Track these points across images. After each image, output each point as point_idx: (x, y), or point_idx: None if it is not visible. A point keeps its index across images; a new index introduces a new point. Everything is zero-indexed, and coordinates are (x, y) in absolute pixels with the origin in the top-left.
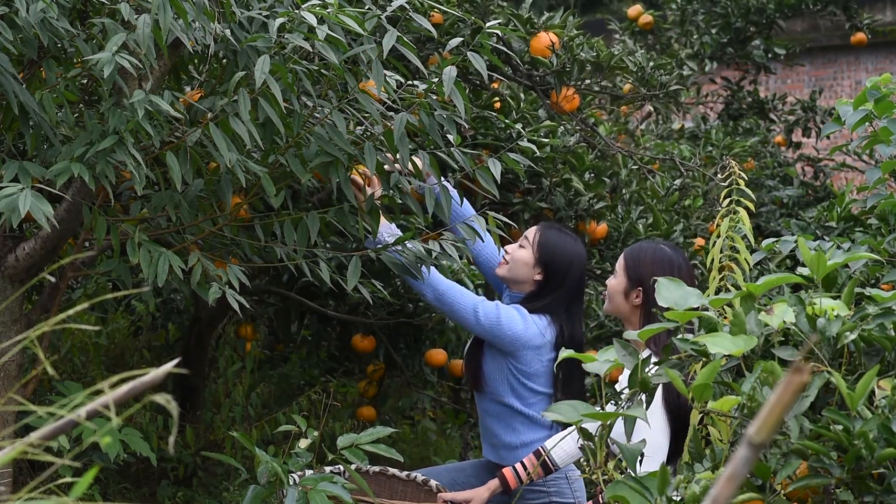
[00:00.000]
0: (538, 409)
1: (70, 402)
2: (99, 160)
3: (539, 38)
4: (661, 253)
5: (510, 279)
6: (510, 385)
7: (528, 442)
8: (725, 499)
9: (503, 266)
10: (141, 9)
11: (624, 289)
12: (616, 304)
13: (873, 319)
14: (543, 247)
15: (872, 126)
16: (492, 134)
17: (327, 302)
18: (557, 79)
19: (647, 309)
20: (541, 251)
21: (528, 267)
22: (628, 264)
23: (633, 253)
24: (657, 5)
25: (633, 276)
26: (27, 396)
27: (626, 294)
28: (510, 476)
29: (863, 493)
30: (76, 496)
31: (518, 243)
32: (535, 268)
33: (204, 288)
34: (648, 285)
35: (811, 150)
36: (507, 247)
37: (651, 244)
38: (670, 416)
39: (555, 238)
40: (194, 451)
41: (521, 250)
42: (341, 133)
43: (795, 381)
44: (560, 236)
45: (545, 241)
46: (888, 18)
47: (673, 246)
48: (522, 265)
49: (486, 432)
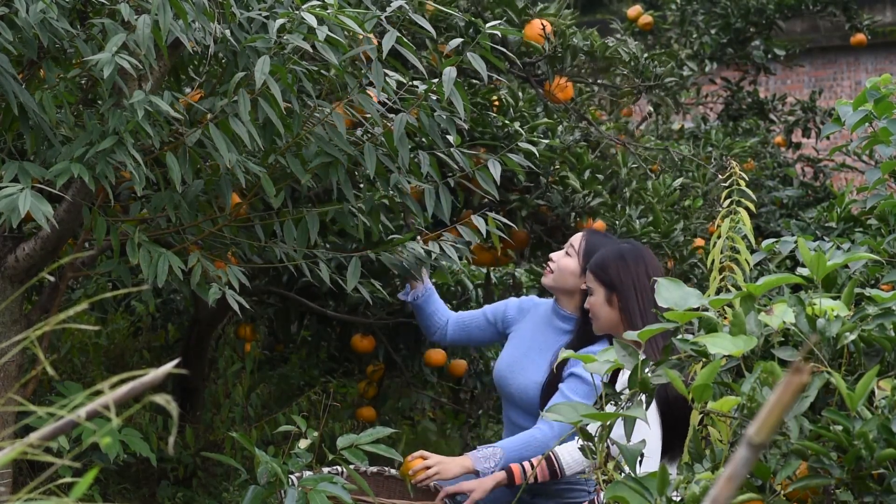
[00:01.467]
0: None
1: (70, 402)
2: (99, 161)
3: (532, 25)
4: (616, 249)
5: (556, 289)
6: None
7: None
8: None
9: (548, 275)
10: (141, 9)
11: (605, 299)
12: (604, 320)
13: (873, 320)
14: (590, 254)
15: (872, 126)
16: (489, 133)
17: (327, 302)
18: (550, 64)
19: (627, 308)
20: (588, 258)
21: (575, 276)
22: (597, 274)
23: (596, 263)
24: (657, 6)
25: (604, 282)
26: (27, 397)
27: (609, 302)
28: (517, 471)
29: (862, 493)
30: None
31: (563, 251)
32: (581, 276)
33: (204, 288)
34: (618, 284)
35: (811, 151)
36: (553, 255)
37: (609, 247)
38: (662, 416)
39: (602, 244)
40: (194, 451)
41: (568, 258)
42: (341, 134)
43: (795, 382)
44: (606, 241)
45: (592, 248)
46: (888, 19)
47: (626, 240)
48: (569, 274)
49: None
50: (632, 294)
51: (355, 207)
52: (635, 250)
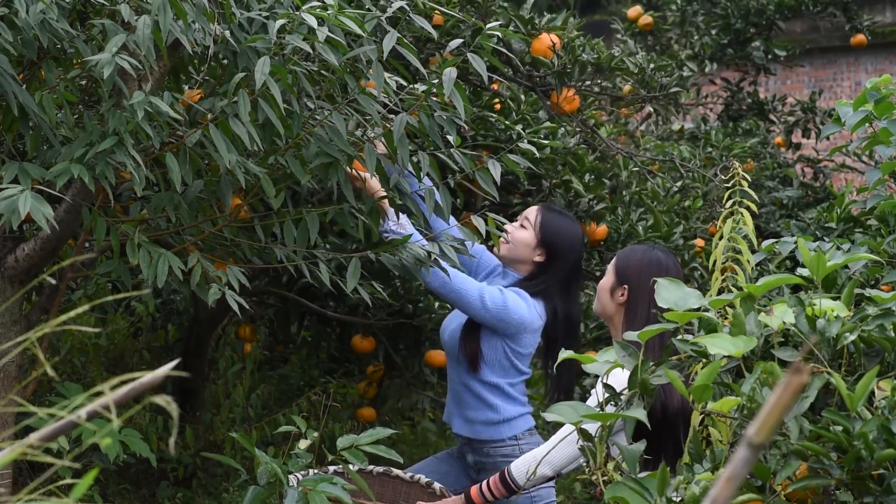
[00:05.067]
0: (520, 389)
1: (70, 403)
2: (99, 161)
3: (540, 40)
4: (651, 255)
5: (510, 259)
6: (501, 365)
7: (510, 417)
8: (725, 499)
9: (503, 245)
10: (141, 10)
11: (611, 286)
12: (602, 303)
13: (873, 320)
14: (546, 228)
15: (872, 127)
16: (492, 135)
17: (327, 303)
18: (558, 80)
19: (631, 308)
20: (543, 232)
21: (530, 248)
22: (618, 263)
23: (625, 253)
24: (657, 6)
25: (621, 274)
26: (27, 398)
27: (612, 292)
28: (476, 495)
29: (862, 493)
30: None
31: (518, 223)
32: (535, 249)
33: (203, 289)
34: (634, 284)
35: (811, 152)
36: (507, 226)
37: (645, 247)
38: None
39: (557, 220)
40: (194, 452)
41: (523, 231)
42: (341, 134)
43: (795, 382)
44: (561, 218)
45: (547, 222)
46: (888, 20)
47: (666, 251)
48: (524, 246)
49: (462, 407)
50: (644, 299)
51: (355, 208)
52: (662, 263)
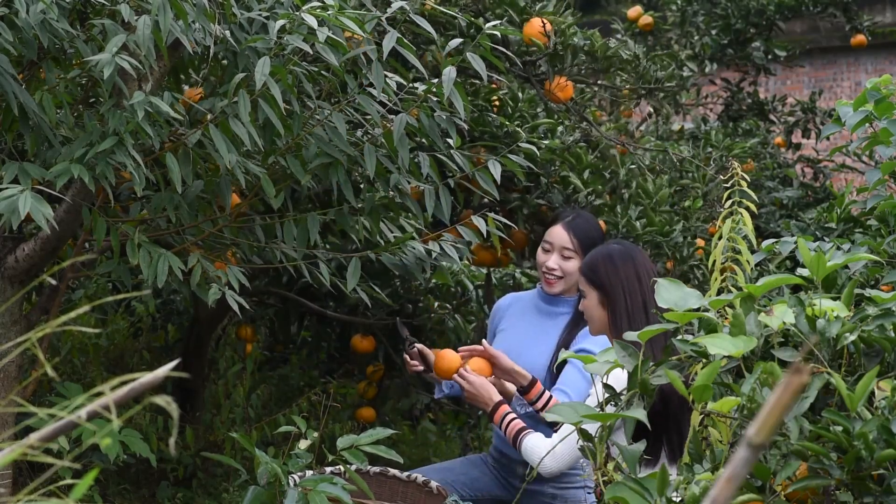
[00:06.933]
0: None
1: (70, 403)
2: (99, 161)
3: (531, 23)
4: (606, 250)
5: (567, 288)
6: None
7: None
8: (725, 500)
9: (556, 284)
10: (141, 10)
11: (598, 301)
12: (598, 321)
13: (873, 320)
14: (584, 247)
15: (872, 127)
16: (489, 132)
17: (327, 303)
18: (550, 63)
19: (612, 309)
20: (585, 252)
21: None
22: (588, 277)
23: (587, 265)
24: (657, 6)
25: (597, 284)
26: (27, 398)
27: (602, 304)
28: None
29: (862, 494)
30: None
31: (559, 255)
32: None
33: (203, 289)
34: (605, 283)
35: (811, 152)
36: (548, 262)
37: (599, 248)
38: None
39: (589, 234)
40: (194, 452)
41: (571, 262)
42: (341, 134)
43: (795, 382)
44: (589, 227)
45: (583, 238)
46: (888, 20)
47: (620, 241)
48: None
49: None
50: (620, 295)
51: (355, 208)
52: (624, 250)
